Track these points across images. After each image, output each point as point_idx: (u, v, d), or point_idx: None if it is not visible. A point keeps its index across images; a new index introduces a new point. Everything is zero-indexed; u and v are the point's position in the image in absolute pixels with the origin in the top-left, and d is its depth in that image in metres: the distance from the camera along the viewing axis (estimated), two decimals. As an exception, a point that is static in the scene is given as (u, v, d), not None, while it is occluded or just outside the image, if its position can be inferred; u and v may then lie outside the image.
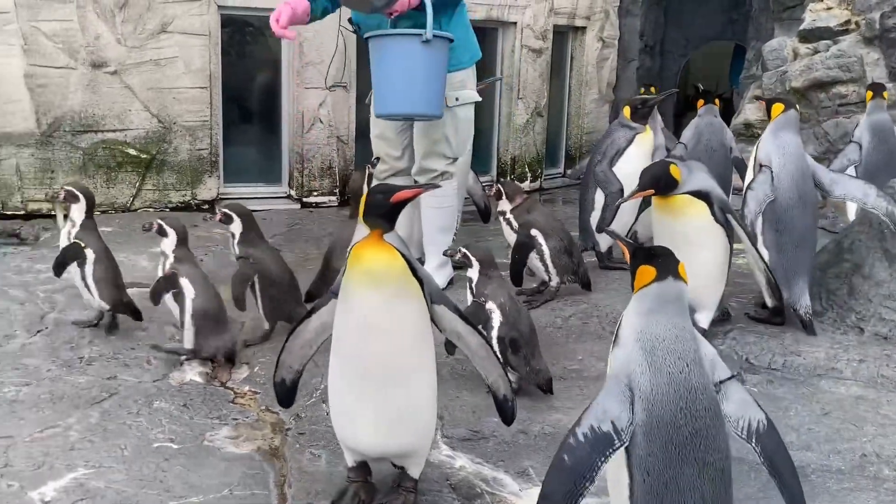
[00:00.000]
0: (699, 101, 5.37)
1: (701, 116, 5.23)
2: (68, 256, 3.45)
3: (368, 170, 4.35)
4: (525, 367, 2.98)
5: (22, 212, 5.51)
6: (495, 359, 2.31)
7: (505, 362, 2.91)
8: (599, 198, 4.48)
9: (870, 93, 4.94)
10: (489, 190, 4.20)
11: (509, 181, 5.48)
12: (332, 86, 6.09)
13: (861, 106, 5.36)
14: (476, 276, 3.08)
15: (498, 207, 4.08)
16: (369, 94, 4.06)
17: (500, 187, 4.05)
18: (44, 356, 3.30)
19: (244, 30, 6.33)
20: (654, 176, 3.28)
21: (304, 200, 6.32)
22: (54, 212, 5.33)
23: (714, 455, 1.72)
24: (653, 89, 7.07)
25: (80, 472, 2.45)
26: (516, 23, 7.17)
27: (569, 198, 7.11)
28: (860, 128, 4.82)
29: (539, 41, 7.40)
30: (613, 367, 1.80)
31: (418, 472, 2.32)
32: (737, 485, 2.39)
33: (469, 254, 3.12)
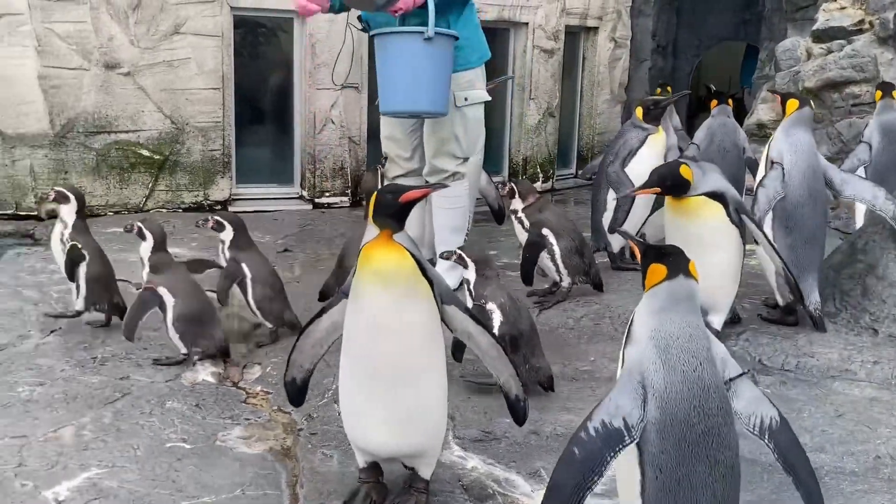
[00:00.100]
0: (712, 102, 5.34)
1: (714, 117, 5.21)
2: (74, 259, 3.51)
3: (380, 170, 4.36)
4: (524, 366, 2.96)
5: (36, 212, 5.56)
6: (506, 359, 2.30)
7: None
8: (611, 198, 4.47)
9: (879, 92, 4.91)
10: (502, 189, 4.18)
11: (522, 180, 5.47)
12: (342, 85, 6.10)
13: (874, 106, 5.34)
14: (473, 277, 3.05)
15: (510, 206, 4.07)
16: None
17: (512, 186, 4.04)
18: (57, 356, 3.32)
19: (257, 31, 6.36)
20: (661, 175, 3.27)
21: (315, 201, 6.33)
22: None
23: (725, 453, 1.72)
24: (668, 88, 7.05)
25: (94, 472, 2.46)
26: (528, 23, 7.17)
27: (580, 198, 7.10)
28: (870, 128, 4.79)
29: (551, 41, 7.39)
30: (626, 365, 1.80)
31: (429, 472, 2.32)
32: (749, 486, 2.39)
33: (464, 255, 3.09)
